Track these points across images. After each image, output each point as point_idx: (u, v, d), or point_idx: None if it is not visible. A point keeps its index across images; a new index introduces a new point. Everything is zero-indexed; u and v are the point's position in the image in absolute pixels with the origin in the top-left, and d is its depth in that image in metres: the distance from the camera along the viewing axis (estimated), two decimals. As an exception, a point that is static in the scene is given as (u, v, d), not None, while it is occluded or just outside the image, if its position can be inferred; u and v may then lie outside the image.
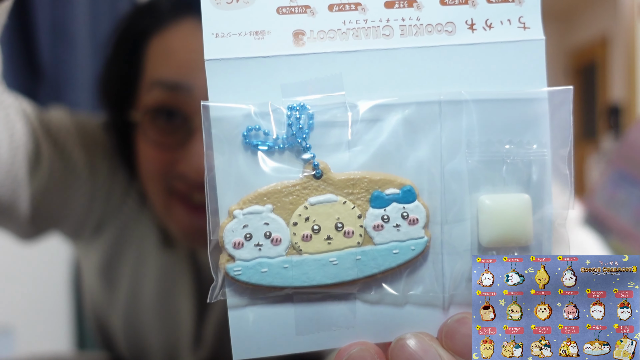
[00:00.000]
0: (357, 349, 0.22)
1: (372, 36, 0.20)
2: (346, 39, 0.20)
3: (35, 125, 0.58)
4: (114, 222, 0.75)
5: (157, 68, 0.59)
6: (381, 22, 0.20)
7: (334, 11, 0.20)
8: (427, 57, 0.20)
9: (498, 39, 0.20)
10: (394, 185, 0.21)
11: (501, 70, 0.21)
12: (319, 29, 0.20)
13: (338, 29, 0.20)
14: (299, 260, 0.20)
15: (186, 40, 0.57)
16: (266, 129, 0.20)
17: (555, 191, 0.21)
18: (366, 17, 0.20)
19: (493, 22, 0.21)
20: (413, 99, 0.21)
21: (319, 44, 0.20)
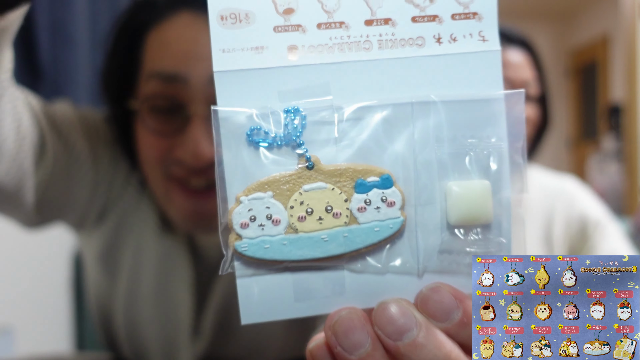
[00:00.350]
0: (345, 312, 0.25)
1: (354, 49, 0.24)
2: (332, 52, 0.24)
3: (40, 117, 0.61)
4: (115, 210, 0.77)
5: (155, 60, 0.61)
6: (362, 38, 0.24)
7: (321, 29, 0.24)
8: (401, 67, 0.24)
9: (461, 50, 0.25)
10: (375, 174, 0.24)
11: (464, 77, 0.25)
12: (310, 44, 0.24)
13: (325, 44, 0.24)
14: (295, 238, 0.24)
15: (182, 33, 0.59)
16: (266, 128, 0.24)
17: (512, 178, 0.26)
18: (349, 34, 0.24)
19: (457, 36, 0.25)
20: (390, 101, 0.25)
21: (310, 57, 0.24)
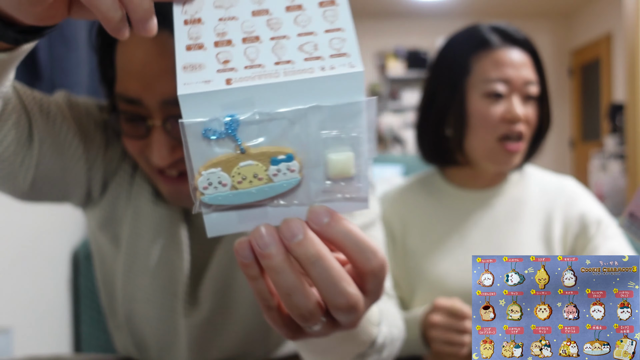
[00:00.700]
0: (263, 226, 0.39)
1: (269, 78, 0.37)
2: (254, 80, 0.37)
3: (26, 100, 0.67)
4: (113, 182, 0.84)
5: (120, 83, 0.70)
6: (273, 71, 0.38)
7: (247, 69, 0.38)
8: (300, 86, 0.37)
9: (338, 73, 0.37)
10: (283, 153, 0.39)
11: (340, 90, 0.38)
12: (240, 77, 0.38)
13: (249, 76, 0.38)
14: (236, 193, 0.39)
15: (142, 55, 0.67)
16: (215, 128, 0.38)
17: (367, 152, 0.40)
18: (265, 70, 0.38)
19: (335, 66, 0.38)
20: (293, 108, 0.38)
21: (240, 83, 0.37)
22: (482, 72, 0.99)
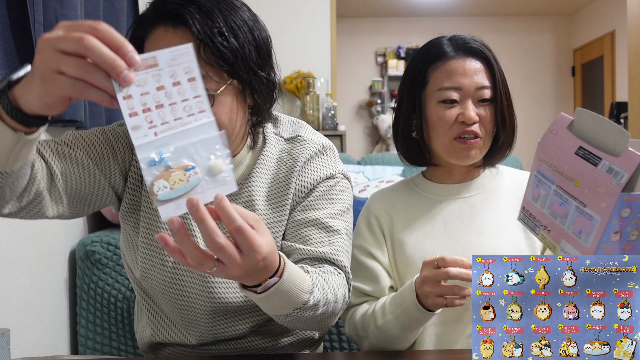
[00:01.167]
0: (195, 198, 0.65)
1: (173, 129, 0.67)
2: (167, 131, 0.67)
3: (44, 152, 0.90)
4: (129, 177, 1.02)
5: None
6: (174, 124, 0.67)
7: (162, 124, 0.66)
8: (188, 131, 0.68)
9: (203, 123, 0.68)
10: (189, 166, 0.67)
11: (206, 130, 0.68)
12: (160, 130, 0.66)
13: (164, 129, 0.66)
14: (173, 190, 0.66)
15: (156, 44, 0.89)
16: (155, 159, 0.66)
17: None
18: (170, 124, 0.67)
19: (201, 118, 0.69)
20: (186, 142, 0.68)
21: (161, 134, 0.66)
22: (437, 83, 1.12)
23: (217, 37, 0.86)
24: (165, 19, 0.88)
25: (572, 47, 7.16)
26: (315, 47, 4.03)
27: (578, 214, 0.75)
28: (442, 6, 6.60)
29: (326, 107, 4.02)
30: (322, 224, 1.00)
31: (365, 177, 2.05)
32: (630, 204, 0.69)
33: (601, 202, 0.70)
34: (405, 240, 1.14)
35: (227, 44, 0.86)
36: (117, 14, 1.95)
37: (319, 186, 1.03)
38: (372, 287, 1.12)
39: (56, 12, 1.33)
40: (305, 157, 1.04)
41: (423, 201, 1.19)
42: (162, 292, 1.03)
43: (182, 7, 0.86)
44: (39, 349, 1.39)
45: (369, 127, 6.89)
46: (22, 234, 1.30)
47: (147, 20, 0.90)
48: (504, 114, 1.11)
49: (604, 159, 0.72)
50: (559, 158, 0.80)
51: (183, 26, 0.86)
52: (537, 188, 0.84)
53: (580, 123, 0.79)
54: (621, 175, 0.69)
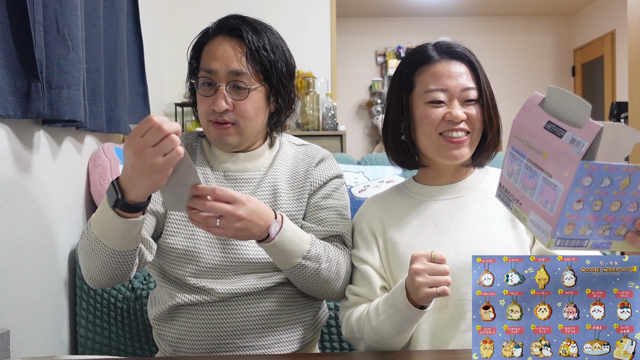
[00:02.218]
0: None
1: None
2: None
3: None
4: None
5: (205, 62, 1.22)
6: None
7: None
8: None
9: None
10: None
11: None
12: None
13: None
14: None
15: (216, 48, 1.21)
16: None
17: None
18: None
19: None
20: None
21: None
22: (424, 85, 1.16)
23: (262, 51, 1.19)
24: (226, 31, 1.21)
25: (572, 47, 7.16)
26: (315, 47, 4.03)
27: (545, 185, 0.77)
28: (442, 6, 6.60)
29: (326, 107, 4.01)
30: (337, 210, 1.27)
31: (366, 177, 2.05)
32: (590, 173, 0.71)
33: (564, 170, 0.73)
34: (397, 241, 1.17)
35: (267, 56, 1.19)
36: (117, 14, 1.95)
37: (331, 182, 1.30)
38: (365, 288, 1.17)
39: (56, 12, 1.32)
40: (320, 157, 1.32)
41: (414, 203, 1.23)
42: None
43: (240, 25, 1.20)
44: (39, 349, 1.39)
45: (369, 127, 6.89)
46: (22, 234, 1.30)
47: (210, 31, 1.24)
48: (490, 113, 1.15)
49: (568, 131, 0.75)
50: (530, 133, 0.83)
51: (238, 38, 1.19)
52: (511, 164, 0.87)
53: (550, 100, 0.82)
54: (582, 144, 0.71)
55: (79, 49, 1.41)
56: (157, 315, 1.24)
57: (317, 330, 1.30)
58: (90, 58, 1.70)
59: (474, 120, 1.15)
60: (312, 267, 1.13)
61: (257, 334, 1.18)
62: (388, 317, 1.04)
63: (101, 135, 1.98)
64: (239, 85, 1.17)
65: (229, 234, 1.02)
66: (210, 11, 3.94)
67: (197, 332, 1.18)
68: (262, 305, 1.20)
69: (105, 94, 1.85)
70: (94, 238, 1.03)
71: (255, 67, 1.18)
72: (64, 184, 1.59)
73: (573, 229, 0.75)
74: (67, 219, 1.61)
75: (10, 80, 1.20)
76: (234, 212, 0.99)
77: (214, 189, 0.98)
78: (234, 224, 1.00)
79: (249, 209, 1.01)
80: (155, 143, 0.89)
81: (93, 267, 1.07)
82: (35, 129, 1.40)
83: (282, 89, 1.23)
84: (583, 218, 0.73)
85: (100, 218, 1.02)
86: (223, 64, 1.18)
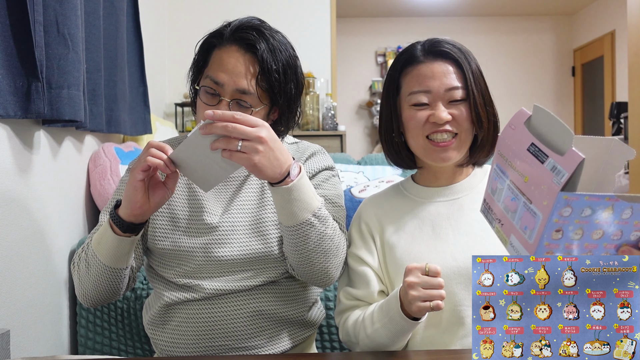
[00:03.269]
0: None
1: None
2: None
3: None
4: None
5: (212, 70, 1.16)
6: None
7: None
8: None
9: None
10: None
11: None
12: None
13: None
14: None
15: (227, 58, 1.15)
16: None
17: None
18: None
19: None
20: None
21: None
22: (408, 88, 1.15)
23: (274, 74, 1.14)
24: (241, 42, 1.15)
25: (572, 47, 7.16)
26: (315, 47, 4.03)
27: (525, 210, 0.76)
28: (442, 6, 6.60)
29: (326, 107, 4.02)
30: (329, 199, 1.21)
31: (366, 177, 2.05)
32: (570, 204, 0.69)
33: (544, 199, 0.71)
34: (395, 244, 1.16)
35: (278, 78, 1.15)
36: (117, 14, 1.95)
37: (322, 173, 1.26)
38: (363, 291, 1.15)
39: (56, 12, 1.33)
40: (310, 152, 1.28)
41: (412, 204, 1.21)
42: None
43: (257, 41, 1.14)
44: (39, 349, 1.39)
45: (369, 127, 6.89)
46: (22, 234, 1.30)
47: (225, 36, 1.17)
48: (478, 112, 1.11)
49: (550, 157, 0.73)
50: (513, 153, 0.81)
51: (252, 53, 1.14)
52: (495, 181, 0.85)
53: (536, 119, 0.80)
54: (562, 174, 0.69)
55: (79, 49, 1.41)
56: (150, 320, 1.24)
57: (312, 328, 1.29)
58: (90, 58, 1.70)
59: (460, 120, 1.12)
60: (318, 228, 1.08)
61: (249, 334, 1.18)
62: (383, 326, 1.04)
63: (101, 135, 1.98)
64: (242, 104, 1.14)
65: (251, 159, 0.97)
66: (210, 11, 3.95)
67: (189, 335, 1.18)
68: (252, 304, 1.19)
69: (105, 94, 1.85)
70: (91, 252, 1.10)
71: (263, 88, 1.14)
72: (64, 184, 1.59)
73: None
74: (67, 219, 1.61)
75: (10, 80, 1.20)
76: (257, 133, 0.95)
77: (232, 114, 0.95)
78: (256, 146, 0.96)
79: (270, 134, 0.98)
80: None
81: (86, 282, 1.13)
82: (35, 129, 1.40)
83: (287, 110, 1.21)
84: (562, 247, 0.73)
85: (99, 232, 1.10)
86: (232, 80, 1.13)
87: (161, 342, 1.22)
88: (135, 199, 1.02)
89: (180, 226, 1.21)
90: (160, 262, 1.23)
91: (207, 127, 0.96)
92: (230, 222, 1.20)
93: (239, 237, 1.20)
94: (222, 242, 1.19)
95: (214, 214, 1.21)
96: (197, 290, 1.19)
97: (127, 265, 1.12)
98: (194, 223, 1.21)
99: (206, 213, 1.21)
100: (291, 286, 1.23)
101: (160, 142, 1.04)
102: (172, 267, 1.22)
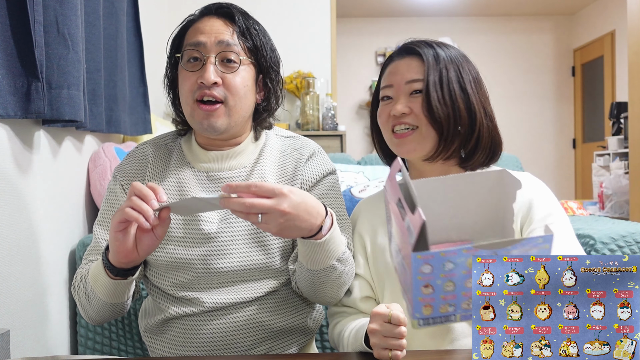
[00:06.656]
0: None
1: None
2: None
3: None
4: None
5: (190, 37, 1.15)
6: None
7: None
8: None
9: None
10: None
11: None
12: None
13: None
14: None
15: (207, 23, 1.14)
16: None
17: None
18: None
19: None
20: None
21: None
22: (381, 85, 1.20)
23: (252, 30, 1.16)
24: (213, 13, 1.16)
25: (572, 47, 7.16)
26: (315, 47, 4.03)
27: (402, 265, 0.77)
28: (442, 6, 6.60)
29: (326, 107, 4.01)
30: (337, 212, 1.18)
31: (366, 177, 2.04)
32: (427, 261, 0.70)
33: (407, 257, 0.72)
34: (386, 247, 1.16)
35: (257, 35, 1.16)
36: (117, 14, 1.95)
37: (326, 179, 1.22)
38: (346, 298, 1.16)
39: (56, 12, 1.32)
40: (309, 152, 1.23)
41: None
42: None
43: (229, 6, 1.17)
44: (39, 349, 1.39)
45: (369, 127, 6.88)
46: (22, 234, 1.30)
47: (194, 17, 1.18)
48: (431, 105, 1.09)
49: (407, 216, 0.73)
50: (390, 205, 0.81)
51: (228, 18, 1.15)
52: (389, 225, 0.85)
53: (404, 173, 0.79)
54: (412, 235, 0.70)
55: (79, 49, 1.40)
56: (148, 327, 1.23)
57: (313, 333, 1.27)
58: (90, 58, 1.69)
59: (417, 112, 1.11)
60: (339, 270, 1.07)
61: (249, 345, 1.15)
62: (355, 349, 1.03)
63: (101, 135, 1.98)
64: (228, 58, 1.11)
65: (272, 231, 0.92)
66: (210, 11, 3.95)
67: (187, 346, 1.16)
68: (253, 316, 1.16)
69: (105, 94, 1.85)
70: (90, 287, 1.09)
71: (245, 44, 1.14)
72: (64, 184, 1.59)
73: (432, 310, 0.74)
74: (67, 219, 1.60)
75: (10, 80, 1.19)
76: (277, 207, 0.90)
77: (248, 185, 0.89)
78: (278, 220, 0.90)
79: (293, 201, 0.91)
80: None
81: (89, 310, 1.13)
82: (35, 129, 1.40)
83: (271, 73, 1.18)
84: (439, 299, 0.73)
85: (95, 270, 1.07)
86: (212, 36, 1.12)
87: (158, 351, 1.20)
88: (119, 249, 0.97)
89: (175, 236, 1.15)
90: (156, 272, 1.19)
91: (224, 201, 0.90)
92: (229, 231, 1.15)
93: (239, 247, 1.14)
94: (221, 253, 1.14)
95: (211, 221, 1.15)
96: (196, 304, 1.15)
97: (128, 297, 1.11)
98: (190, 232, 1.15)
99: (202, 221, 1.15)
100: (291, 294, 1.20)
101: (145, 188, 0.95)
102: (167, 278, 1.17)
